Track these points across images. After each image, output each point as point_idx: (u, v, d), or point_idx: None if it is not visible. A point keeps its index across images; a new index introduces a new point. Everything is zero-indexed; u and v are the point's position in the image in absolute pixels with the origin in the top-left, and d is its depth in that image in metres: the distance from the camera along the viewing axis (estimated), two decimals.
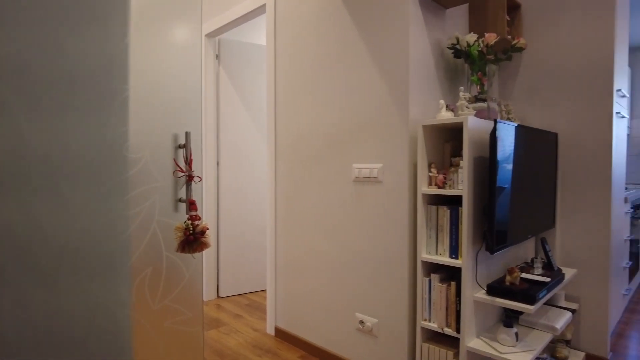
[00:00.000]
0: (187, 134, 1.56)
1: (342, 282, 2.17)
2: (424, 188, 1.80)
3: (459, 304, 1.70)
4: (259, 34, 3.74)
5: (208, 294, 3.28)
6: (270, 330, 2.63)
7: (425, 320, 1.83)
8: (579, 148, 2.19)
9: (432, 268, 1.87)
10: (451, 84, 2.16)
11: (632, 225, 2.95)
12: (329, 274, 2.24)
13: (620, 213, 2.40)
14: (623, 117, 2.37)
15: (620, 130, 2.31)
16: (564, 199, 2.24)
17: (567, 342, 2.19)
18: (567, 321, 1.93)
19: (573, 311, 2.05)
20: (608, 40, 2.09)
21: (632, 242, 3.03)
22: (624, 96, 2.40)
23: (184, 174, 1.57)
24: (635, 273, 3.22)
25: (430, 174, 1.80)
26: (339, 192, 2.16)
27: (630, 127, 4.41)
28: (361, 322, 2.06)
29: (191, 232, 1.51)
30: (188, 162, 1.57)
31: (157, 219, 1.52)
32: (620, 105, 2.33)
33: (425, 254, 1.81)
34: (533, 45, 2.35)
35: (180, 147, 1.58)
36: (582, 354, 2.16)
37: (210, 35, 3.24)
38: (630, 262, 2.87)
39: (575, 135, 2.20)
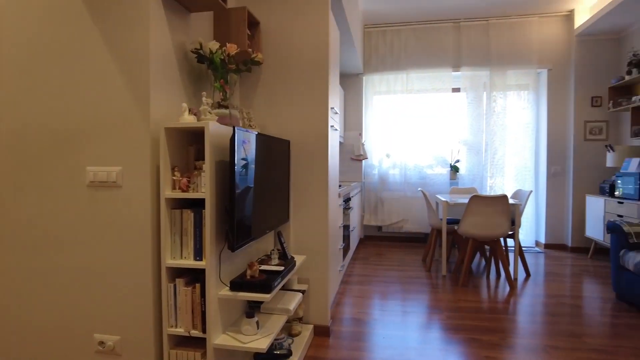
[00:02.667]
0: None
1: (75, 302, 1.88)
2: (168, 192, 1.75)
3: (205, 304, 1.74)
4: None
5: None
6: None
7: (172, 326, 1.79)
8: (305, 153, 2.59)
9: (178, 273, 1.85)
10: (196, 88, 2.18)
11: (344, 214, 3.72)
12: (59, 295, 1.90)
13: (335, 206, 2.97)
14: (336, 129, 2.94)
15: (334, 140, 2.86)
16: (295, 196, 2.61)
17: (300, 319, 2.57)
18: (299, 301, 2.25)
19: (303, 292, 2.42)
20: (323, 67, 2.55)
21: (345, 227, 3.81)
22: (336, 113, 2.98)
23: None
24: (347, 252, 4.07)
25: (174, 178, 1.78)
26: (70, 199, 1.86)
27: (343, 137, 5.53)
28: (101, 342, 1.85)
29: None
30: None
31: None
32: (334, 120, 2.89)
33: (170, 260, 1.77)
34: (270, 60, 2.64)
35: None
36: (311, 327, 2.58)
37: None
38: (344, 244, 3.61)
39: (302, 143, 2.59)
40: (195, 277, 1.86)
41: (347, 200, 3.87)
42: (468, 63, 5.33)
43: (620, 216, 4.07)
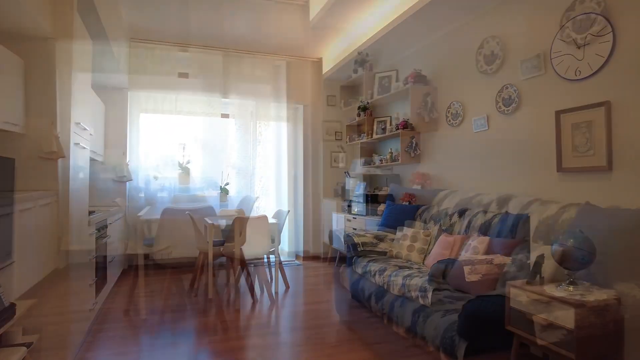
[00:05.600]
0: None
1: None
2: None
3: None
4: None
5: None
6: None
7: None
8: (37, 175, 2.18)
9: None
10: None
11: (98, 244, 3.29)
12: None
13: (83, 235, 2.60)
14: (84, 147, 2.60)
15: (80, 159, 2.52)
16: (22, 227, 2.15)
17: None
18: (21, 357, 1.84)
19: (29, 344, 1.99)
20: (66, 76, 2.24)
21: (102, 259, 3.37)
22: (85, 129, 2.64)
23: None
24: (104, 286, 3.60)
25: None
26: None
27: (102, 156, 4.93)
28: None
29: None
30: None
31: None
32: (81, 137, 2.55)
33: None
34: None
35: None
36: None
37: None
38: (96, 278, 3.18)
39: (34, 162, 2.18)
40: None
41: (102, 228, 3.45)
42: (236, 91, 5.62)
43: (355, 229, 4.99)
